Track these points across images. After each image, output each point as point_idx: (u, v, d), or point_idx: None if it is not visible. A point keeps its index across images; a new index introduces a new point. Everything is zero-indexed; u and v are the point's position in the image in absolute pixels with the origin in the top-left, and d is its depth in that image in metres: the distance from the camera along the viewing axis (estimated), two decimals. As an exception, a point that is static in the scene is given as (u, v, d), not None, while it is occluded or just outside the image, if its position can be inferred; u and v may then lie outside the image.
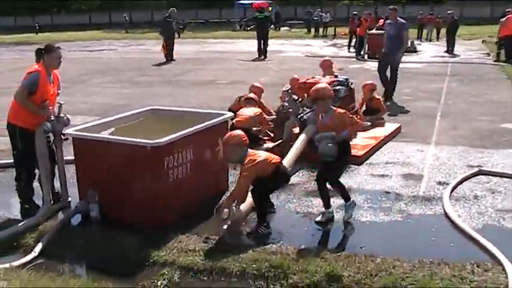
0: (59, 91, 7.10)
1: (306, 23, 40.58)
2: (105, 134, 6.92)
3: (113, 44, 38.08)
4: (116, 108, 12.42)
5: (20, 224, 6.51)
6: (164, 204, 6.43)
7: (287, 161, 7.50)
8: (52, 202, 6.98)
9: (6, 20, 73.76)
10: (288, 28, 48.95)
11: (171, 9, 26.28)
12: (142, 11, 67.84)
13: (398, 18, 14.31)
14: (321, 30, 42.70)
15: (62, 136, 6.88)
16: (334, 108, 6.66)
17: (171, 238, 6.08)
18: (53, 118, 6.75)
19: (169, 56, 24.60)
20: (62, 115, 6.82)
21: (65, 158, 7.12)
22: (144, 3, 69.17)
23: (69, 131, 6.87)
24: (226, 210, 6.13)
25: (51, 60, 6.86)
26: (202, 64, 23.23)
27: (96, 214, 6.62)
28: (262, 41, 26.55)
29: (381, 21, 26.10)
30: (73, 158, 6.98)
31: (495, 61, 22.49)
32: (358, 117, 10.22)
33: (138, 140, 6.40)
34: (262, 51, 26.35)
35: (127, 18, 57.56)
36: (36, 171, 7.10)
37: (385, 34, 14.52)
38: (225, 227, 6.28)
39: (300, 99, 9.52)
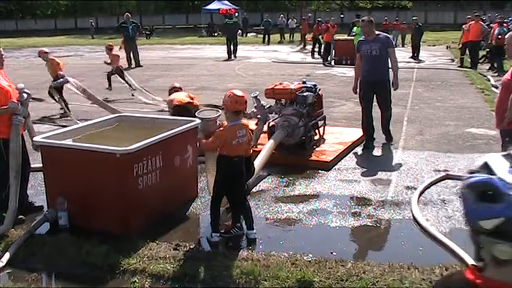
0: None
1: (264, 31, 40.26)
2: (73, 142, 6.86)
3: (79, 50, 37.80)
4: (82, 115, 12.35)
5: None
6: (134, 211, 6.40)
7: (256, 165, 7.50)
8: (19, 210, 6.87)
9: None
10: (254, 34, 49.06)
11: (126, 14, 26.19)
12: (109, 17, 67.40)
13: (379, 33, 10.51)
14: (287, 36, 42.86)
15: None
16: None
17: (141, 246, 6.04)
18: (20, 108, 6.62)
19: (129, 62, 24.50)
20: (22, 95, 6.71)
21: (33, 165, 7.04)
22: (110, 8, 68.91)
23: (37, 138, 6.81)
24: None
25: None
26: (170, 70, 23.18)
27: (65, 222, 6.56)
28: (231, 44, 28.59)
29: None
30: (41, 165, 6.91)
31: (459, 67, 22.86)
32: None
33: (106, 147, 6.36)
34: (232, 53, 28.65)
35: (93, 23, 57.11)
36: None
37: (361, 56, 10.22)
38: None
39: (268, 105, 9.56)
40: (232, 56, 28.82)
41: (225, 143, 6.07)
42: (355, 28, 26.09)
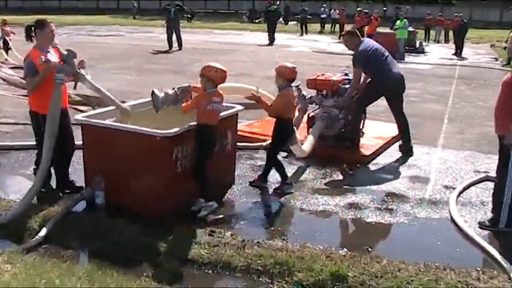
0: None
1: (301, 21, 39.48)
2: (114, 122, 6.88)
3: (121, 30, 37.99)
4: (123, 95, 12.38)
5: (20, 203, 6.46)
6: (171, 194, 6.40)
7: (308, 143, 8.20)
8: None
9: (13, 3, 73.55)
10: (295, 22, 48.79)
11: None
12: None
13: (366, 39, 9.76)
14: (328, 26, 42.40)
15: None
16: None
17: (176, 230, 6.04)
18: (59, 66, 6.52)
19: (170, 44, 24.68)
20: (63, 53, 6.59)
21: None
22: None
23: (78, 117, 6.83)
24: None
25: (45, 35, 6.76)
26: (209, 55, 23.13)
27: (102, 201, 6.60)
28: (272, 32, 29.84)
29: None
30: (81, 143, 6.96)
31: (504, 65, 22.44)
32: None
33: (147, 129, 6.37)
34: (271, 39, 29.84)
35: (135, 4, 57.41)
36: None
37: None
38: None
39: (309, 96, 9.48)
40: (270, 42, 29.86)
41: (199, 107, 6.54)
42: (398, 21, 25.80)
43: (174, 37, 25.05)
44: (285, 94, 7.43)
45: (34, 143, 7.32)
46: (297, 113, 8.42)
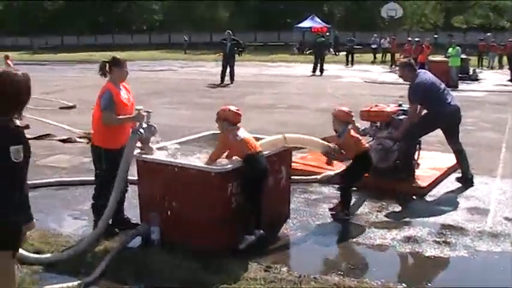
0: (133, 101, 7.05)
1: (347, 51, 39.08)
2: (168, 157, 6.92)
3: (172, 65, 38.58)
4: (175, 131, 12.50)
5: (81, 243, 6.54)
6: (226, 230, 6.39)
7: None
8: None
9: (69, 39, 75.67)
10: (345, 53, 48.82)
11: (227, 31, 26.63)
12: (202, 32, 68.59)
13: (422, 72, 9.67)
14: (379, 56, 42.20)
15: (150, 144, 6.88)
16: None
17: (231, 265, 6.00)
18: (145, 125, 6.65)
19: (223, 77, 24.93)
20: (150, 124, 6.75)
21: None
22: (203, 24, 70.21)
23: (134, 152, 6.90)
24: None
25: (120, 72, 6.90)
26: (261, 87, 23.30)
27: (157, 237, 6.61)
28: (319, 62, 30.29)
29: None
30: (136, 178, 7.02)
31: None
32: None
33: (202, 165, 6.40)
34: (318, 69, 30.29)
35: (186, 39, 58.29)
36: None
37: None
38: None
39: (362, 128, 9.40)
40: (318, 72, 30.14)
41: (229, 145, 6.59)
42: (450, 49, 25.50)
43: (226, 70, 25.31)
44: (348, 137, 7.62)
45: (90, 178, 7.42)
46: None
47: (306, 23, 55.12)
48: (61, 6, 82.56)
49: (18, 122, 4.23)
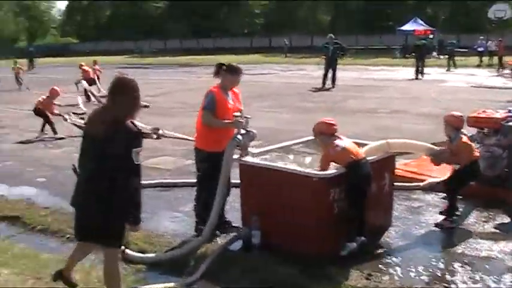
0: (241, 107, 7.08)
1: (448, 54, 37.27)
2: (270, 161, 6.93)
3: (273, 68, 38.77)
4: (277, 134, 12.53)
5: (185, 246, 6.67)
6: (327, 236, 6.33)
7: None
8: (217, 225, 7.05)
9: (172, 43, 77.59)
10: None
11: (329, 35, 26.50)
12: (303, 36, 68.64)
13: None
14: (486, 59, 40.73)
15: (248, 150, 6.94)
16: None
17: (331, 271, 5.94)
18: (243, 131, 6.73)
19: (324, 81, 24.79)
20: (249, 129, 6.83)
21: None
22: (304, 27, 70.31)
23: (236, 156, 6.96)
24: None
25: (231, 80, 6.96)
26: (362, 91, 23.04)
27: (258, 241, 6.62)
28: (419, 65, 30.15)
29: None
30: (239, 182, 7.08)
31: None
32: None
33: (304, 170, 6.38)
34: (419, 73, 29.94)
35: (287, 42, 58.46)
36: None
37: None
38: None
39: (470, 134, 9.08)
40: (419, 75, 29.86)
41: (331, 156, 6.52)
42: None
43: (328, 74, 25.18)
44: (461, 143, 7.49)
45: (192, 180, 7.54)
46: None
47: (409, 26, 54.06)
48: (164, 11, 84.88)
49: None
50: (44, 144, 13.82)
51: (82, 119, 15.97)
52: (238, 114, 6.76)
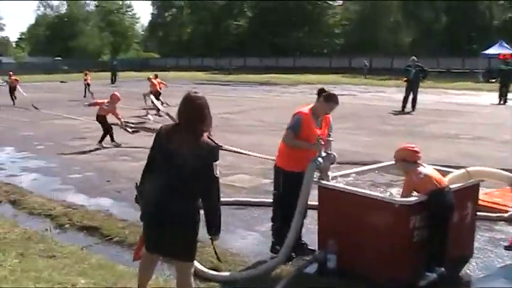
0: (330, 133, 7.07)
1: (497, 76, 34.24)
2: (348, 185, 6.82)
3: (352, 89, 38.49)
4: (356, 157, 12.40)
5: (260, 266, 6.63)
6: (406, 264, 6.16)
7: None
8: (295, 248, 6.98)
9: (251, 61, 78.32)
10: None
11: (412, 57, 26.11)
12: (383, 58, 68.02)
13: None
14: None
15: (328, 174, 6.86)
16: None
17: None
18: (324, 154, 6.68)
19: (404, 104, 24.41)
20: (330, 152, 6.79)
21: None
22: (385, 49, 69.71)
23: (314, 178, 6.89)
24: None
25: (325, 107, 6.90)
26: (443, 116, 22.52)
27: (334, 265, 6.51)
28: (504, 90, 29.34)
29: None
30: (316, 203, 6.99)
31: None
32: None
33: (385, 195, 6.25)
34: (504, 98, 29.11)
35: (366, 63, 58.03)
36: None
37: None
38: None
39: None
40: (504, 101, 29.01)
41: (414, 184, 6.30)
42: None
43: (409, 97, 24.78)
44: None
45: (269, 200, 7.50)
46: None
47: (494, 50, 52.59)
48: (245, 29, 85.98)
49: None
50: (122, 156, 14.08)
51: (135, 132, 16.96)
52: (319, 136, 6.70)
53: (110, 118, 15.71)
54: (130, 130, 17.25)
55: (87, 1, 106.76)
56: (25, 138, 17.60)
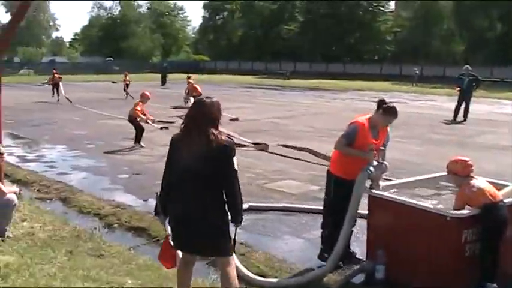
0: (385, 143, 7.02)
1: None
2: (399, 195, 6.71)
3: (402, 97, 37.98)
4: (406, 166, 12.21)
5: (307, 274, 6.58)
6: (455, 278, 5.99)
7: None
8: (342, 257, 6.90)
9: (301, 66, 78.15)
10: None
11: (465, 66, 25.65)
12: (435, 66, 67.11)
13: None
14: None
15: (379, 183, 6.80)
16: None
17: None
18: (375, 163, 6.64)
19: (456, 113, 23.99)
20: (382, 161, 6.73)
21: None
22: (437, 57, 68.83)
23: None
24: None
25: (383, 120, 6.84)
26: (496, 126, 22.05)
27: (382, 276, 6.42)
28: None
29: None
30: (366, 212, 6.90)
31: None
32: None
33: (437, 207, 6.13)
34: None
35: (417, 71, 57.32)
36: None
37: None
38: None
39: None
40: None
41: (466, 197, 6.15)
42: None
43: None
44: None
45: (318, 207, 7.43)
46: None
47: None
48: (296, 34, 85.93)
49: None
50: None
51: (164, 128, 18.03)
52: (371, 145, 6.63)
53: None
54: (157, 126, 18.07)
55: (139, 2, 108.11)
56: (76, 137, 17.89)
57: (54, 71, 34.32)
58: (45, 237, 7.54)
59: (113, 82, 47.43)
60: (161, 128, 18.15)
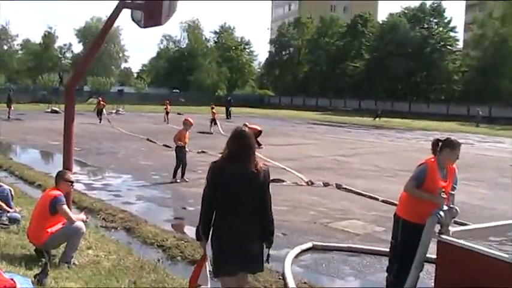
0: (454, 185, 6.91)
1: None
2: (472, 241, 6.51)
3: (469, 138, 37.26)
4: (474, 211, 11.92)
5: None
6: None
7: None
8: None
9: (367, 103, 77.83)
10: None
11: None
12: (503, 107, 65.80)
13: None
14: None
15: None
16: None
17: None
18: (445, 208, 6.45)
19: None
20: (452, 206, 6.54)
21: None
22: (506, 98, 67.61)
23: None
24: None
25: (450, 155, 6.74)
26: None
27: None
28: None
29: None
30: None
31: None
32: None
33: (502, 254, 5.90)
34: None
35: (480, 112, 56.39)
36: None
37: None
38: None
39: None
40: None
41: None
42: None
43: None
44: None
45: (383, 249, 7.28)
46: None
47: None
48: (361, 71, 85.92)
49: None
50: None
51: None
52: (442, 190, 6.48)
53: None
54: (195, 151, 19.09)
55: (207, 36, 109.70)
56: (143, 167, 18.14)
57: (99, 99, 41.96)
58: (110, 266, 7.60)
59: (179, 114, 48.07)
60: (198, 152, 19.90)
